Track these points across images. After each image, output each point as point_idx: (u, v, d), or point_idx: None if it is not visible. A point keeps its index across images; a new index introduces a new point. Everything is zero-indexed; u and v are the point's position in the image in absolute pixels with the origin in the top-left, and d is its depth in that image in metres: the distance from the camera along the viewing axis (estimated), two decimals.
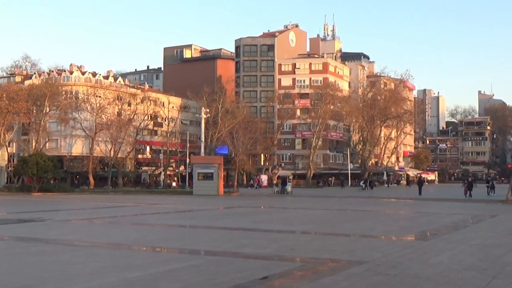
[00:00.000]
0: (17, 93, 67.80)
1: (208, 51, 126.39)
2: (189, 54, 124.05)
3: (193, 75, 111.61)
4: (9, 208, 33.13)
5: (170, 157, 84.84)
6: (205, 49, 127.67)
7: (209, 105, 77.00)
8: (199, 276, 9.54)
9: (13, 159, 77.70)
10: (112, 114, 77.41)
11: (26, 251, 13.13)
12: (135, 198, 46.70)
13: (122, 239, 15.81)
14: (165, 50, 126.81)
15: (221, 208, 33.58)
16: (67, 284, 8.82)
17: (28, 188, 59.66)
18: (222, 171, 56.06)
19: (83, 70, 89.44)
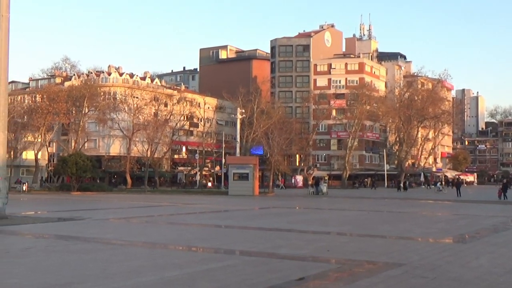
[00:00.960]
0: (57, 94, 69.21)
1: (244, 51, 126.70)
2: (225, 55, 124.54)
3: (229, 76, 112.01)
4: (50, 207, 33.80)
5: (205, 157, 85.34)
6: (240, 50, 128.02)
7: (245, 106, 77.21)
8: (235, 276, 9.59)
9: (53, 158, 79.27)
10: (149, 114, 78.29)
11: (66, 249, 13.39)
12: (171, 198, 47.13)
13: (158, 238, 15.98)
14: (201, 51, 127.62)
15: (256, 208, 33.61)
16: (107, 282, 8.96)
17: (67, 187, 60.78)
18: (257, 171, 56.13)
19: (121, 72, 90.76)
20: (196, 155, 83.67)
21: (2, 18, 21.80)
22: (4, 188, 21.52)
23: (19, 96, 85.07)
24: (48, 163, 77.35)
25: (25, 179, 67.45)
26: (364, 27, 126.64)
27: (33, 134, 69.30)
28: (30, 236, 16.32)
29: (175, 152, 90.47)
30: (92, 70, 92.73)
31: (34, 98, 79.51)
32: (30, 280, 9.11)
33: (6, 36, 21.99)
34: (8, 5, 22.05)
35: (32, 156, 69.95)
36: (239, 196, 48.47)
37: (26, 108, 72.73)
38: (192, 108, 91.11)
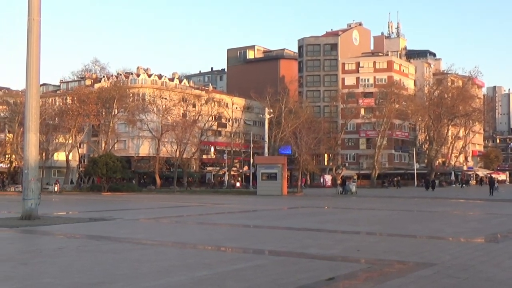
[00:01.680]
0: (87, 96, 70.19)
1: (271, 51, 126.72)
2: (252, 55, 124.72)
3: (256, 76, 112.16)
4: (81, 207, 34.29)
5: (234, 157, 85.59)
6: (268, 50, 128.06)
7: (273, 106, 77.22)
8: (265, 276, 9.58)
9: (83, 159, 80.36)
10: (177, 115, 78.86)
11: (98, 249, 13.55)
12: (200, 198, 47.36)
13: (188, 238, 16.06)
14: (228, 52, 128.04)
15: (285, 208, 33.57)
16: (138, 282, 9.04)
17: (98, 188, 61.57)
18: (285, 171, 56.07)
19: (150, 73, 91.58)
20: (224, 155, 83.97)
21: (33, 22, 22.16)
22: (37, 189, 21.86)
23: (50, 99, 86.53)
24: (79, 164, 78.44)
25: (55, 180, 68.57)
26: (392, 25, 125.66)
27: (64, 136, 70.38)
28: (62, 236, 16.56)
29: (203, 153, 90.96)
30: (121, 72, 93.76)
31: (65, 100, 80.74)
32: (62, 280, 9.24)
33: (37, 39, 22.35)
34: (39, 9, 22.41)
35: (63, 157, 71.01)
36: (267, 196, 48.48)
37: (57, 110, 73.89)
38: (220, 109, 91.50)
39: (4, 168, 72.86)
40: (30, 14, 22.18)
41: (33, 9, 22.21)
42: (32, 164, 22.16)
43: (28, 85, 22.37)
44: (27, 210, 21.28)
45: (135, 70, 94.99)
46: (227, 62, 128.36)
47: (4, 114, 72.57)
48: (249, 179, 73.62)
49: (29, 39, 22.23)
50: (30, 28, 22.21)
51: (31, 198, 21.39)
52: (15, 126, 66.92)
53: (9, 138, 70.94)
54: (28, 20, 22.23)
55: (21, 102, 67.12)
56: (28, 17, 22.24)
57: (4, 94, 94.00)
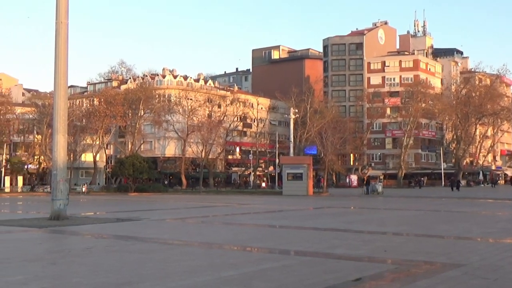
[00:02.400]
0: (114, 98, 70.94)
1: (296, 51, 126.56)
2: (277, 55, 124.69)
3: (281, 76, 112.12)
4: (108, 207, 34.64)
5: (259, 157, 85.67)
6: (293, 50, 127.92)
7: (298, 106, 77.15)
8: (291, 277, 9.57)
9: (111, 160, 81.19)
10: (203, 116, 79.24)
11: (125, 249, 13.67)
12: (225, 198, 47.49)
13: (214, 239, 16.11)
14: (253, 52, 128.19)
15: (310, 208, 33.48)
16: (165, 282, 9.10)
17: (125, 188, 62.16)
18: (311, 171, 55.96)
19: (175, 74, 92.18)
20: (249, 155, 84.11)
21: (61, 25, 22.46)
22: (65, 189, 22.14)
23: (77, 100, 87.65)
24: (106, 165, 79.25)
25: (83, 180, 69.46)
26: (418, 23, 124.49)
27: (92, 137, 71.21)
28: (90, 236, 16.74)
29: (229, 153, 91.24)
30: (147, 73, 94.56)
31: (92, 102, 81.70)
32: (91, 279, 9.35)
33: (65, 42, 22.65)
34: (67, 12, 22.70)
35: (91, 158, 71.85)
36: (293, 196, 48.41)
37: (84, 111, 74.83)
38: (245, 109, 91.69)
39: (33, 169, 74.03)
40: (58, 17, 22.49)
41: (61, 12, 22.50)
42: (61, 165, 22.44)
43: (56, 87, 22.67)
44: (56, 211, 21.56)
45: (161, 72, 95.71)
46: (252, 63, 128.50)
47: (32, 116, 73.69)
48: (275, 179, 73.61)
49: (57, 41, 22.53)
50: (58, 31, 22.51)
51: (60, 199, 21.67)
52: (43, 127, 67.93)
53: (37, 139, 72.04)
54: (56, 23, 22.54)
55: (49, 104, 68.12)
56: (56, 20, 22.55)
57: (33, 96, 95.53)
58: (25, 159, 71.53)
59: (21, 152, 74.74)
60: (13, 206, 37.35)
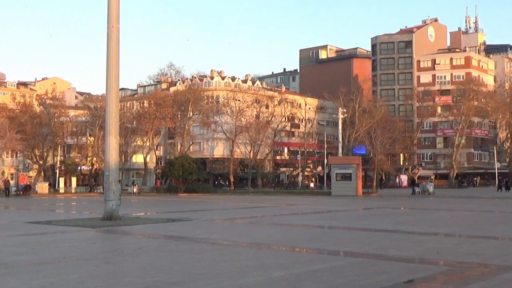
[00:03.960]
0: (163, 100, 71.94)
1: (344, 50, 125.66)
2: (325, 55, 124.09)
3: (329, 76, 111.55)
4: (158, 208, 35.18)
5: (307, 158, 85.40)
6: (340, 49, 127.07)
7: (346, 105, 76.60)
8: (342, 278, 9.51)
9: (160, 161, 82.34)
10: (250, 116, 79.50)
11: (176, 249, 13.88)
12: (274, 198, 47.53)
13: (263, 239, 16.16)
14: (301, 52, 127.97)
15: (360, 209, 33.18)
16: (216, 282, 9.19)
17: (174, 189, 62.93)
18: (360, 171, 55.46)
19: (223, 75, 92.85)
20: (298, 155, 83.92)
21: (112, 29, 22.94)
22: (117, 190, 22.57)
23: (128, 103, 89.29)
24: (156, 166, 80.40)
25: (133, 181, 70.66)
26: (470, 20, 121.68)
27: (142, 138, 72.38)
28: (141, 236, 17.05)
29: (277, 153, 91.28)
30: (195, 75, 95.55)
31: (142, 104, 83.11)
32: (143, 278, 9.52)
33: (116, 46, 23.12)
34: (118, 16, 23.18)
35: (141, 160, 73.05)
36: (342, 197, 48.08)
37: (135, 113, 76.10)
38: (293, 109, 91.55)
39: (86, 170, 75.79)
40: (110, 21, 22.97)
41: (112, 16, 22.99)
42: (113, 166, 22.90)
43: (108, 90, 23.16)
44: (109, 211, 22.01)
45: (209, 73, 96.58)
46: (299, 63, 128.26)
47: (85, 119, 75.48)
48: (323, 179, 73.24)
49: (108, 45, 23.02)
50: (109, 35, 23.00)
51: (112, 199, 22.11)
52: (96, 129, 69.48)
53: (90, 141, 73.73)
54: (108, 27, 23.03)
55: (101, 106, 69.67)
56: (108, 24, 23.03)
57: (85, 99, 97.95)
58: (79, 161, 73.30)
59: (75, 154, 76.62)
60: (67, 206, 38.35)
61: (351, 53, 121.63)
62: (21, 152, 72.55)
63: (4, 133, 67.05)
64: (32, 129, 68.30)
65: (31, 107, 75.25)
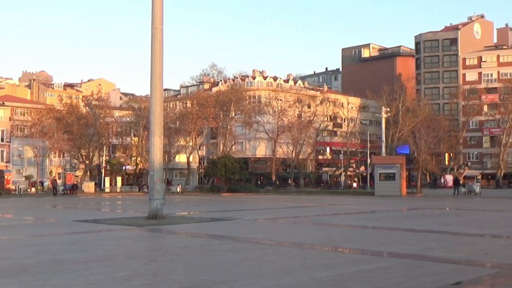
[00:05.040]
0: (206, 100, 72.53)
1: (387, 49, 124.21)
2: (367, 54, 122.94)
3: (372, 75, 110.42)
4: (201, 207, 35.49)
5: (350, 157, 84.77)
6: (383, 48, 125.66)
7: (389, 104, 75.73)
8: (388, 279, 9.42)
9: (203, 161, 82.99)
10: (292, 116, 79.39)
11: (220, 248, 13.99)
12: (316, 198, 47.36)
13: (306, 239, 16.14)
14: (343, 51, 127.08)
15: (404, 209, 32.79)
16: (260, 281, 9.22)
17: (217, 189, 63.36)
18: (404, 171, 54.75)
19: (265, 75, 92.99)
20: (340, 155, 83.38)
21: (156, 31, 23.26)
22: (162, 189, 22.85)
23: (171, 103, 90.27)
24: (199, 166, 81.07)
25: (177, 181, 71.44)
26: None
27: (185, 138, 73.14)
28: (185, 235, 17.24)
29: (319, 153, 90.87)
30: (237, 75, 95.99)
31: (185, 104, 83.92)
32: (188, 277, 9.64)
33: (160, 47, 23.43)
34: (162, 18, 23.49)
35: (184, 159, 73.83)
36: (385, 197, 47.56)
37: (178, 114, 76.93)
38: (336, 109, 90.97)
39: (130, 170, 77.01)
40: (154, 23, 23.29)
41: (156, 18, 23.31)
42: (157, 166, 23.22)
43: (153, 90, 23.49)
44: (153, 210, 22.31)
45: (251, 73, 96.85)
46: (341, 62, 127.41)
47: (129, 119, 76.72)
48: (366, 179, 72.60)
49: (153, 46, 23.34)
50: (153, 36, 23.32)
51: (157, 199, 22.40)
52: (140, 130, 70.57)
53: (134, 141, 74.90)
54: (152, 29, 23.35)
55: (145, 107, 70.70)
56: (152, 26, 23.35)
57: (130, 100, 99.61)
58: (123, 161, 74.56)
59: (119, 154, 77.94)
60: (113, 205, 39.07)
61: (394, 52, 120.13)
62: (68, 152, 74.20)
63: (52, 133, 68.79)
64: (78, 129, 69.79)
65: (77, 108, 76.93)
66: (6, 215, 28.81)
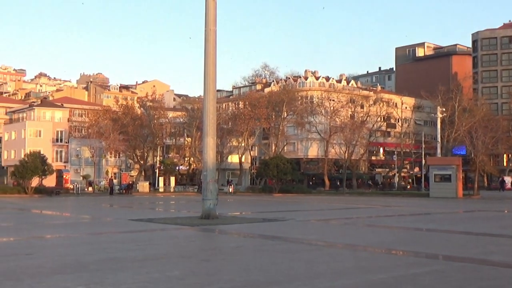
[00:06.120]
0: (258, 101, 72.79)
1: (442, 47, 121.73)
2: (422, 53, 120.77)
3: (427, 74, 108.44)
4: (254, 207, 35.60)
5: (404, 158, 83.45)
6: (438, 46, 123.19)
7: (445, 104, 74.22)
8: (444, 283, 9.21)
9: (255, 162, 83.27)
10: (345, 116, 78.77)
11: (273, 248, 13.99)
12: (369, 200, 46.83)
13: (358, 240, 15.97)
14: (396, 50, 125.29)
15: (460, 211, 32.04)
16: (314, 282, 9.17)
17: (269, 189, 63.45)
18: (460, 172, 53.52)
19: (317, 75, 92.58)
20: (394, 156, 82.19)
21: (209, 32, 23.46)
22: (215, 190, 23.01)
23: (223, 104, 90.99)
24: (251, 166, 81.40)
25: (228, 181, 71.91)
26: None
27: (237, 139, 73.61)
28: (238, 235, 17.33)
29: (372, 154, 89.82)
30: (289, 76, 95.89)
31: (237, 105, 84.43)
32: (242, 277, 9.69)
33: (214, 48, 23.61)
34: (215, 19, 23.68)
35: (237, 160, 74.28)
36: (441, 199, 46.59)
37: (230, 114, 77.48)
38: (389, 109, 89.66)
39: (183, 170, 78.02)
40: (207, 24, 23.49)
41: (209, 19, 23.51)
42: (210, 167, 23.41)
43: (206, 91, 23.70)
44: (206, 210, 22.50)
45: (303, 74, 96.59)
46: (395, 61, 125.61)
47: (183, 120, 77.77)
48: (421, 180, 71.32)
49: (206, 48, 23.54)
50: (207, 38, 23.52)
51: (210, 199, 22.58)
52: (193, 130, 71.45)
53: (188, 142, 75.87)
54: (205, 30, 23.55)
55: (198, 108, 71.55)
56: (205, 27, 23.56)
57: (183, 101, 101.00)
58: (177, 161, 75.63)
59: (173, 154, 79.14)
60: (166, 205, 39.68)
61: (450, 50, 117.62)
62: (123, 152, 75.80)
63: (108, 134, 70.43)
64: (133, 130, 71.22)
65: (132, 109, 78.52)
66: (65, 214, 29.69)
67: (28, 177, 53.96)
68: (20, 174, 54.45)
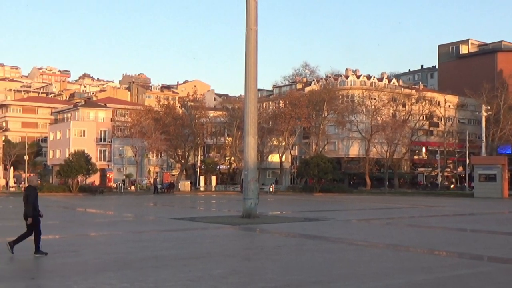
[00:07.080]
0: (298, 100, 72.59)
1: (487, 44, 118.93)
2: (466, 50, 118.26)
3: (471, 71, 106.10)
4: (294, 207, 35.57)
5: (447, 157, 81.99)
6: (483, 43, 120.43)
7: (490, 102, 72.60)
8: (490, 284, 9.04)
9: (295, 161, 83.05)
10: (387, 115, 77.85)
11: (314, 248, 13.97)
12: (411, 199, 46.21)
13: (400, 240, 15.81)
14: (439, 48, 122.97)
15: (506, 212, 31.34)
16: (356, 283, 9.13)
17: (310, 189, 63.21)
18: (506, 172, 52.33)
19: (358, 74, 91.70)
20: (436, 155, 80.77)
21: (250, 32, 23.55)
22: (256, 189, 23.10)
23: (264, 103, 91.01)
24: (292, 166, 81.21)
25: (270, 180, 71.99)
26: None
27: (278, 138, 73.56)
28: (279, 235, 17.35)
29: (414, 153, 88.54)
30: (330, 75, 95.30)
31: (278, 104, 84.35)
32: (284, 276, 9.71)
33: (255, 48, 23.69)
34: (256, 19, 23.75)
35: (277, 159, 74.23)
36: (485, 199, 45.63)
37: (270, 114, 77.47)
38: (432, 107, 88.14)
39: (224, 169, 78.42)
40: (248, 24, 23.59)
41: (250, 19, 23.59)
42: (251, 166, 23.50)
43: (247, 91, 23.80)
44: (247, 209, 22.60)
45: (343, 72, 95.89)
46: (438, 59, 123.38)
47: (223, 119, 78.18)
48: (465, 180, 69.97)
49: (247, 47, 23.64)
50: (248, 37, 23.61)
51: (251, 198, 22.68)
52: (233, 130, 71.76)
53: (228, 141, 76.23)
54: (246, 30, 23.66)
55: (239, 107, 71.75)
56: (246, 27, 23.66)
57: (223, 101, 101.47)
58: (218, 160, 76.04)
59: (214, 154, 79.64)
60: (207, 204, 39.97)
61: (495, 47, 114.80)
62: (165, 151, 76.65)
63: (150, 133, 71.36)
64: (175, 130, 71.94)
65: (174, 109, 79.29)
66: (108, 212, 30.25)
67: (73, 176, 55.15)
68: (65, 173, 55.69)
